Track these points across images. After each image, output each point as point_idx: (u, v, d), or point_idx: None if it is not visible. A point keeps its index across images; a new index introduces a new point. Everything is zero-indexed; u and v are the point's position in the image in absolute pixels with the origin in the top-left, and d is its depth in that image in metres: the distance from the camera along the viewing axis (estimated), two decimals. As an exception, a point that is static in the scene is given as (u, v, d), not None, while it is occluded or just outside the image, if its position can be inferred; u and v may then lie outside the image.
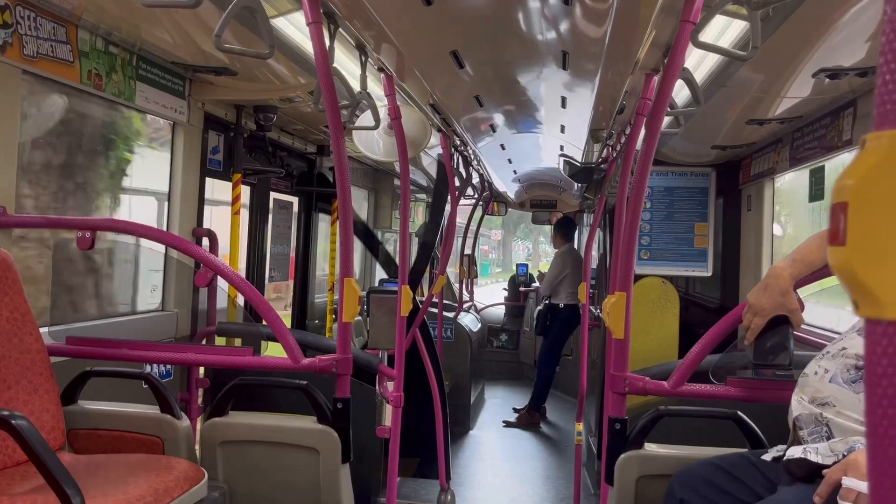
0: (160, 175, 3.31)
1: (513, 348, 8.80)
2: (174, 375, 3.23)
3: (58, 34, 2.42)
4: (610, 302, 2.18)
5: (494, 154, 5.03)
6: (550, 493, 4.73)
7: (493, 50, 2.64)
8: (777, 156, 3.65)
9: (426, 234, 4.83)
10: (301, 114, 3.91)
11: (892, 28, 0.51)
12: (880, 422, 0.52)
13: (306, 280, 5.06)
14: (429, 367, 4.17)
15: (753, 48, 1.71)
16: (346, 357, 2.29)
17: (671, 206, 4.41)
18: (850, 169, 0.53)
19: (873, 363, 0.52)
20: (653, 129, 2.11)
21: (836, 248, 0.53)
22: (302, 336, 3.11)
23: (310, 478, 2.36)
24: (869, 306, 0.52)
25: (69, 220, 2.32)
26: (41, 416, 2.09)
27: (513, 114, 3.84)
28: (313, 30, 2.10)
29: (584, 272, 4.84)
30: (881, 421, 0.52)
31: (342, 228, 2.29)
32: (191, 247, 2.40)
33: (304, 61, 2.91)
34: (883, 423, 0.51)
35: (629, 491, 2.11)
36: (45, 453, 1.64)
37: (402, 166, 3.08)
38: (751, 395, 2.02)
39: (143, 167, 3.32)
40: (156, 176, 3.32)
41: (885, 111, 0.51)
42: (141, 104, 2.91)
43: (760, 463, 1.80)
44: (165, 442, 2.27)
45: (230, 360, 2.35)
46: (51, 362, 2.18)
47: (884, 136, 0.51)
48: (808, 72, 2.45)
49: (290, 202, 4.84)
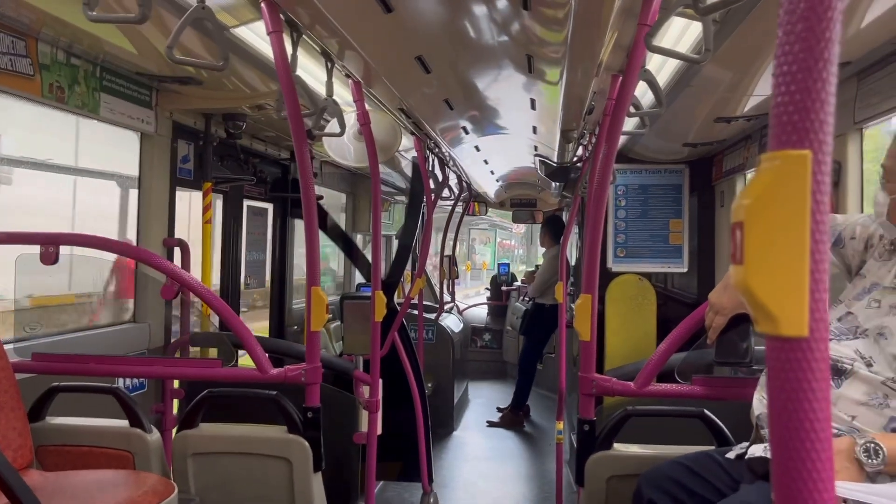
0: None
1: (496, 347, 8.82)
2: (149, 387, 3.21)
3: (17, 48, 2.40)
4: (577, 304, 2.19)
5: (470, 155, 5.04)
6: (533, 492, 4.75)
7: (457, 55, 2.65)
8: (747, 152, 3.68)
9: (403, 236, 4.83)
10: (272, 120, 3.90)
11: (784, 52, 0.52)
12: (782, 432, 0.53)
13: (283, 286, 5.05)
14: (408, 369, 4.17)
15: (706, 51, 1.72)
16: (315, 366, 2.28)
17: (646, 203, 4.44)
18: (746, 189, 0.54)
19: (773, 377, 0.53)
20: (613, 130, 2.12)
21: (736, 266, 0.54)
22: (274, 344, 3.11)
23: (282, 488, 2.35)
24: (766, 323, 0.53)
25: (32, 235, 2.31)
26: (7, 435, 2.08)
27: (483, 117, 3.85)
28: (274, 39, 2.10)
29: (561, 271, 4.86)
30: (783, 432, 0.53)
31: (308, 237, 2.29)
32: (155, 259, 2.39)
33: (271, 69, 2.90)
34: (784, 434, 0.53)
35: (600, 491, 2.12)
36: (7, 474, 1.63)
37: (373, 171, 3.07)
38: (715, 394, 2.04)
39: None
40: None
41: (778, 132, 0.52)
42: (106, 116, 2.88)
43: (724, 461, 1.82)
44: (135, 456, 2.26)
45: (199, 371, 2.34)
46: (16, 379, 2.16)
47: (777, 157, 0.52)
48: (771, 70, 2.47)
49: (264, 209, 4.82)
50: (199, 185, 3.63)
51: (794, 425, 0.51)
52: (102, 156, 3.34)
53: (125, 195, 3.40)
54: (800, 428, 0.51)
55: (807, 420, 0.51)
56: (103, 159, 3.38)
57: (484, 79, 3.03)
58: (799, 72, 0.52)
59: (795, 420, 0.51)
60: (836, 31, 0.52)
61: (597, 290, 2.12)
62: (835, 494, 0.52)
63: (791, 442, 0.52)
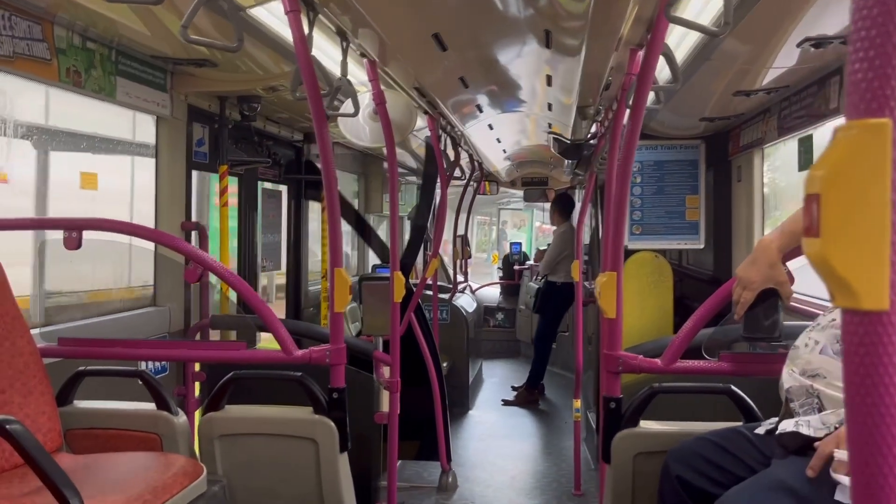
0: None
1: (509, 326, 8.83)
2: (170, 370, 3.23)
3: (33, 32, 2.39)
4: (601, 281, 2.18)
5: (483, 134, 5.00)
6: (551, 469, 4.77)
7: (475, 31, 2.62)
8: (765, 126, 3.64)
9: (417, 217, 4.82)
10: (286, 102, 3.88)
11: (861, 17, 0.51)
12: (859, 409, 0.52)
13: (299, 268, 5.05)
14: (425, 350, 4.18)
15: (726, 24, 1.69)
16: (340, 347, 2.29)
17: (661, 179, 4.40)
18: (821, 160, 0.52)
19: (850, 352, 0.52)
20: (637, 105, 2.10)
21: (811, 239, 0.53)
22: (295, 326, 3.12)
23: (309, 468, 2.37)
24: (845, 297, 0.52)
25: (56, 221, 2.31)
26: (37, 419, 2.09)
27: (498, 94, 3.82)
28: (292, 18, 2.08)
29: (577, 249, 4.84)
30: (859, 409, 0.52)
31: (330, 218, 2.29)
32: (178, 243, 2.39)
33: (285, 50, 2.88)
34: (861, 410, 0.52)
35: (626, 468, 2.12)
36: (40, 456, 1.64)
37: (389, 151, 3.06)
38: (743, 370, 2.03)
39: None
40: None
41: (855, 101, 0.51)
42: (122, 99, 2.88)
43: (754, 437, 1.81)
44: (163, 438, 2.27)
45: (224, 354, 2.35)
46: (44, 364, 2.17)
47: (853, 127, 0.51)
48: (793, 42, 2.43)
49: (278, 191, 4.82)
50: (214, 168, 3.63)
51: (874, 401, 0.50)
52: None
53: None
54: (879, 403, 0.50)
55: (887, 395, 0.50)
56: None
57: (500, 55, 3.00)
58: (878, 36, 0.50)
59: (875, 395, 0.50)
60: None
61: (622, 267, 2.11)
62: (915, 470, 0.51)
63: (870, 419, 0.51)
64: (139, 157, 3.46)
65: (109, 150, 3.37)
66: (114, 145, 3.38)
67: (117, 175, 3.52)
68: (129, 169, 3.56)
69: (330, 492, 2.38)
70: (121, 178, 3.55)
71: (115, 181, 3.45)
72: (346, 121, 3.35)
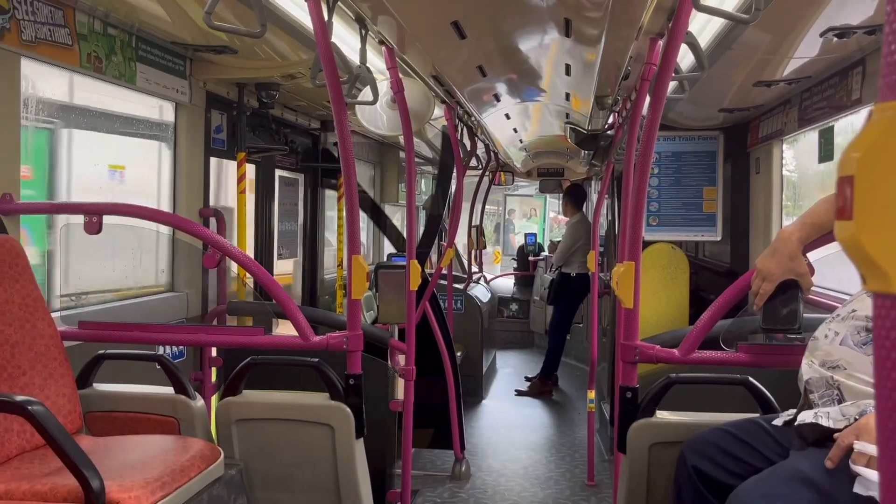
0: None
1: (523, 317, 8.83)
2: (187, 355, 3.26)
3: (55, 17, 2.40)
4: (619, 271, 2.17)
5: (499, 123, 4.99)
6: (564, 460, 4.77)
7: (494, 19, 2.61)
8: (786, 117, 3.60)
9: (433, 206, 4.82)
10: (303, 90, 3.88)
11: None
12: (890, 394, 0.52)
13: (315, 256, 5.07)
14: (440, 339, 4.19)
15: (756, 10, 1.68)
16: (357, 333, 2.30)
17: (679, 171, 4.37)
18: (856, 142, 0.52)
19: (881, 336, 0.52)
20: (658, 94, 2.09)
21: (844, 222, 0.53)
22: (311, 313, 3.13)
23: (325, 453, 2.38)
24: (877, 280, 0.51)
25: (76, 206, 2.33)
26: (57, 401, 2.12)
27: (516, 83, 3.80)
28: (311, 5, 2.08)
29: (593, 240, 4.82)
30: (891, 393, 0.51)
31: (348, 205, 2.29)
32: (198, 228, 2.41)
33: (304, 37, 2.89)
34: (893, 394, 0.51)
35: (642, 458, 2.12)
36: (62, 437, 1.66)
37: (407, 140, 3.06)
38: (761, 361, 2.02)
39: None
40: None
41: (892, 82, 0.50)
42: (142, 86, 2.89)
43: (772, 428, 1.80)
44: (181, 422, 2.30)
45: (241, 339, 2.37)
46: (64, 347, 2.20)
47: (889, 108, 0.50)
48: (816, 31, 2.40)
49: (295, 179, 4.83)
50: (232, 155, 3.64)
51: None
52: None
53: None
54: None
55: (918, 380, 0.50)
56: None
57: (519, 44, 2.98)
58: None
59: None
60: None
61: (640, 258, 2.10)
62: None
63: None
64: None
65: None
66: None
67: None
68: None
69: (345, 477, 2.40)
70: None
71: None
72: (363, 109, 3.36)
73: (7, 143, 2.27)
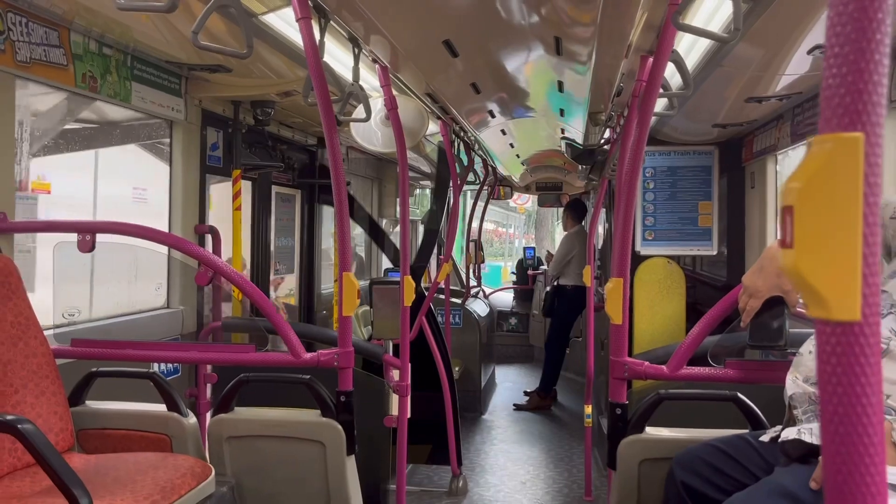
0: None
1: (523, 331, 8.82)
2: (182, 371, 3.26)
3: (50, 38, 2.43)
4: (608, 287, 2.18)
5: (496, 139, 5.02)
6: (562, 474, 4.76)
7: (485, 38, 2.63)
8: (779, 132, 3.62)
9: (430, 221, 4.83)
10: (299, 107, 3.91)
11: (835, 32, 0.52)
12: (831, 418, 0.53)
13: (312, 272, 5.09)
14: (436, 354, 4.19)
15: (735, 30, 1.70)
16: (348, 350, 2.30)
17: (675, 185, 4.39)
18: (796, 173, 0.53)
19: (823, 362, 0.53)
20: (645, 112, 2.10)
21: (786, 250, 0.54)
22: (305, 329, 3.14)
23: (316, 470, 2.38)
24: (818, 307, 0.52)
25: (69, 224, 2.35)
26: (49, 419, 2.13)
27: (510, 99, 3.83)
28: (303, 25, 2.10)
29: (589, 254, 4.83)
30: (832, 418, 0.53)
31: (339, 222, 2.31)
32: (190, 246, 2.42)
33: (298, 56, 2.91)
34: (833, 419, 0.52)
35: (632, 475, 2.12)
36: (51, 456, 1.67)
37: (401, 156, 3.08)
38: (749, 377, 2.02)
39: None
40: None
41: (829, 115, 0.51)
42: (137, 104, 2.92)
43: (759, 444, 1.81)
44: (173, 439, 2.30)
45: (233, 357, 2.38)
46: (56, 365, 2.21)
47: (828, 140, 0.51)
48: (804, 49, 2.43)
49: (292, 195, 4.85)
50: (228, 173, 3.66)
51: (846, 410, 0.51)
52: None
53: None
54: (851, 413, 0.51)
55: (858, 405, 0.51)
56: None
57: (511, 62, 3.01)
58: (851, 53, 0.51)
59: (847, 405, 0.51)
60: (888, 10, 0.51)
61: (629, 274, 2.11)
62: (886, 480, 0.52)
63: (842, 427, 0.51)
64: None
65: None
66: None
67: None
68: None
69: (337, 494, 2.40)
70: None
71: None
72: (358, 126, 3.38)
73: (1, 163, 2.29)
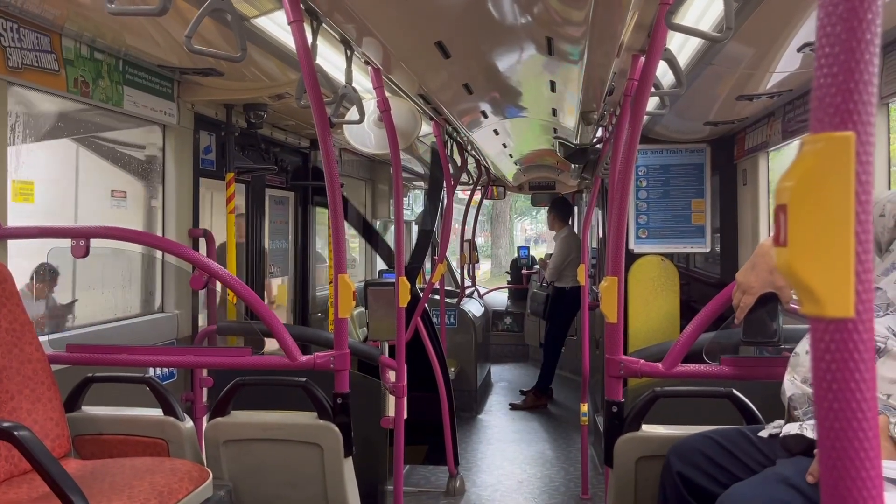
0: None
1: (517, 331, 8.83)
2: (178, 375, 3.26)
3: (41, 43, 2.42)
4: (602, 286, 2.19)
5: (489, 139, 5.03)
6: (559, 473, 4.77)
7: (477, 39, 2.64)
8: (770, 129, 3.64)
9: (423, 222, 4.84)
10: (292, 109, 3.91)
11: (825, 33, 0.52)
12: (826, 414, 0.53)
13: (306, 274, 5.08)
14: (432, 354, 4.20)
15: (728, 29, 1.71)
16: (344, 353, 2.31)
17: (667, 183, 4.41)
18: (788, 172, 0.54)
19: (818, 358, 0.53)
20: (637, 110, 2.11)
21: (780, 248, 0.54)
22: (301, 332, 3.14)
23: (313, 473, 2.39)
24: (811, 304, 0.53)
25: (63, 230, 2.34)
26: (45, 425, 2.12)
27: (503, 99, 3.84)
28: (295, 28, 2.10)
29: (583, 253, 4.84)
30: (827, 414, 0.53)
31: (333, 224, 2.31)
32: (183, 250, 2.42)
33: (290, 58, 2.91)
34: (829, 415, 0.53)
35: (629, 472, 2.13)
36: (48, 462, 1.67)
37: (394, 157, 3.08)
38: (744, 374, 2.03)
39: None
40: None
41: (820, 115, 0.52)
42: (129, 109, 2.91)
43: (757, 439, 1.82)
44: (169, 444, 2.30)
45: (229, 360, 2.38)
46: (52, 371, 2.20)
47: (820, 140, 0.52)
48: (794, 46, 2.44)
49: (286, 197, 4.85)
50: (221, 176, 3.66)
51: (840, 406, 0.52)
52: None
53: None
54: (846, 409, 0.52)
55: (853, 401, 0.51)
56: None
57: (503, 62, 3.01)
58: (841, 53, 0.52)
59: (842, 401, 0.52)
60: (878, 10, 0.52)
61: (623, 272, 2.12)
62: (881, 475, 0.53)
63: (837, 423, 0.52)
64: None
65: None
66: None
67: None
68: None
69: (335, 496, 2.40)
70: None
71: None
72: (351, 128, 3.38)
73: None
